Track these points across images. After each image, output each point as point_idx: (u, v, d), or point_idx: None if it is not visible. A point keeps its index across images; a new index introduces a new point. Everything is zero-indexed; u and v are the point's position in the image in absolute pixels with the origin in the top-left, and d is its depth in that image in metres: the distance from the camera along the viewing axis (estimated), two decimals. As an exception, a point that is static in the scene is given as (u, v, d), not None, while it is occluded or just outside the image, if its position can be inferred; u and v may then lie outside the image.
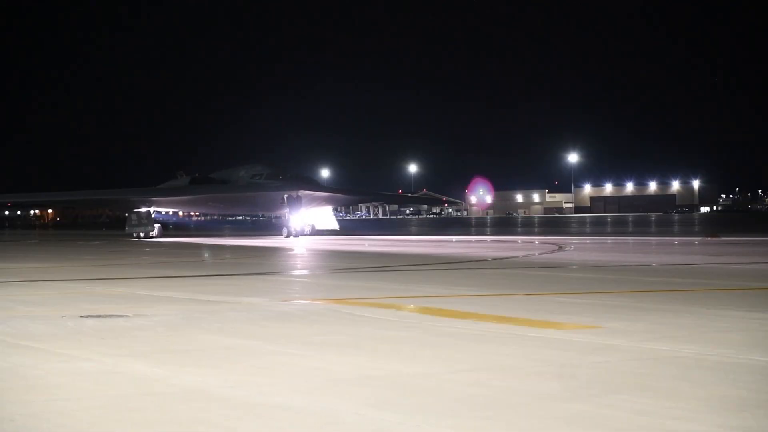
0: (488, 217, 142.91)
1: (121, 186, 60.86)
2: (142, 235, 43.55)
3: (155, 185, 48.73)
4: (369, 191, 59.62)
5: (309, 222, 42.47)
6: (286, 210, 41.90)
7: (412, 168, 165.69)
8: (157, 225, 44.96)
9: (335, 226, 44.61)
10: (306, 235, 41.17)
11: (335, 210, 49.24)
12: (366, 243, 33.39)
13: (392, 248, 28.50)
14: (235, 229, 66.09)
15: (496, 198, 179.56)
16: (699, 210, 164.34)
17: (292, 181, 42.52)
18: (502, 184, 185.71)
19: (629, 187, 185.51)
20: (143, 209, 45.12)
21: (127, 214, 45.58)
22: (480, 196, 47.39)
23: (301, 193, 41.43)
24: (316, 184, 43.98)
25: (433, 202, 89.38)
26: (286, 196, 41.43)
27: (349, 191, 48.46)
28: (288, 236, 40.17)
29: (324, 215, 44.54)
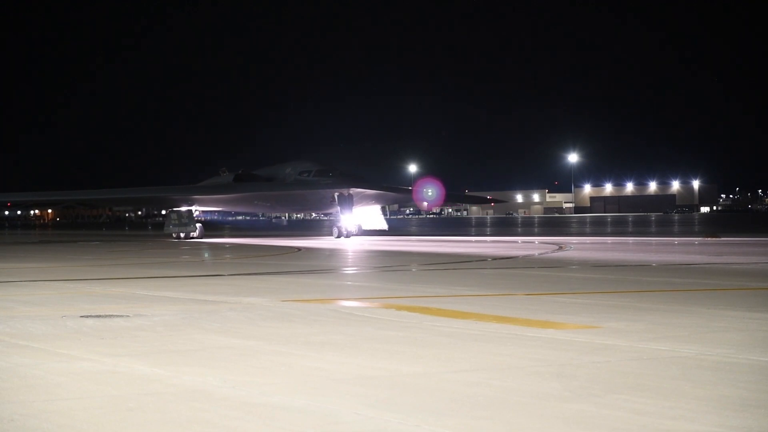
0: (488, 217, 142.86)
1: (153, 184, 58.45)
2: (182, 235, 41.19)
3: (186, 184, 46.58)
4: None
5: (357, 221, 40.25)
6: (336, 209, 39.82)
7: (413, 168, 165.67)
8: (198, 225, 42.52)
9: (384, 225, 42.58)
10: (356, 235, 39.05)
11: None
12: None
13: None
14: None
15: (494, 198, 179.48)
16: (699, 210, 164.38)
17: (343, 178, 40.35)
18: (502, 184, 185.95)
19: (629, 187, 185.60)
20: (184, 208, 42.84)
21: (165, 213, 43.02)
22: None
23: (353, 191, 39.41)
24: (367, 182, 41.60)
25: (479, 200, 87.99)
26: (336, 194, 39.43)
27: (399, 189, 45.41)
28: (339, 237, 38.16)
29: (371, 215, 42.33)
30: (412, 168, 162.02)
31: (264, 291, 13.00)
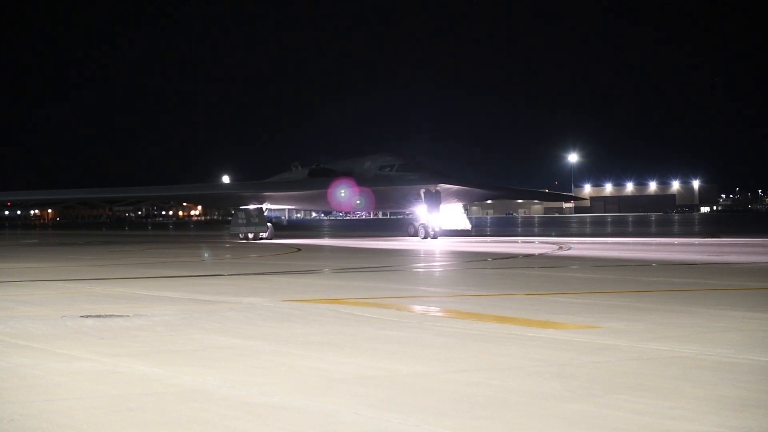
0: (488, 217, 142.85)
1: (207, 182, 53.62)
2: (250, 236, 37.76)
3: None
4: (505, 186, 52.39)
5: (441, 221, 36.85)
6: (423, 207, 36.26)
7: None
8: (269, 225, 39.32)
9: (467, 225, 39.89)
10: (442, 236, 36.13)
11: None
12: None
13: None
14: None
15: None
16: (699, 210, 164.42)
17: (429, 173, 36.99)
18: (502, 184, 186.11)
19: (629, 187, 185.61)
20: (252, 206, 39.40)
21: (233, 212, 40.00)
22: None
23: (441, 187, 36.18)
24: (455, 178, 38.23)
25: (562, 198, 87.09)
26: (423, 191, 36.04)
27: (487, 186, 42.13)
28: (425, 237, 35.28)
29: (453, 213, 39.25)
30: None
31: (264, 291, 12.99)
